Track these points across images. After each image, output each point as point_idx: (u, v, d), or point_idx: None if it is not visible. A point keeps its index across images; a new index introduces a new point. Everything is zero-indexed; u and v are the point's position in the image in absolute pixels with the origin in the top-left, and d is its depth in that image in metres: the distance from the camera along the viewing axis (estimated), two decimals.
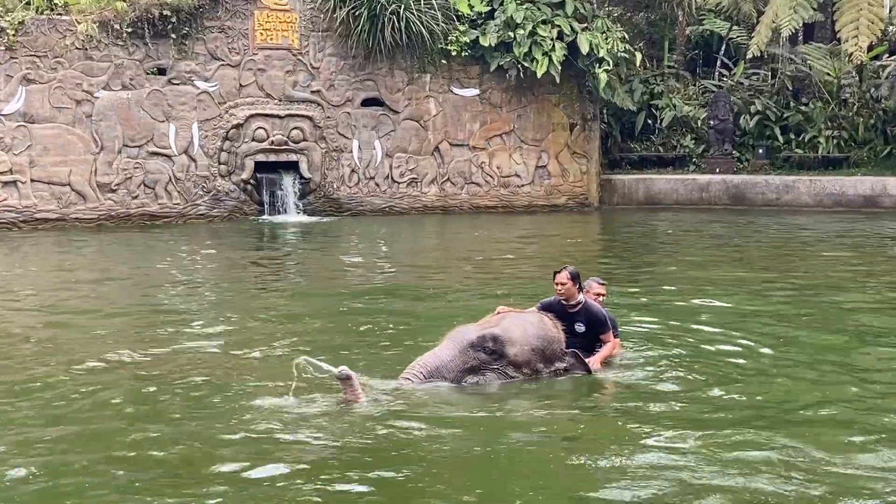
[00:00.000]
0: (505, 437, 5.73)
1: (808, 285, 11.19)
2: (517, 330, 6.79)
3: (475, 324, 6.93)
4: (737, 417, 6.08)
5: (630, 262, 13.87)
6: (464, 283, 11.64)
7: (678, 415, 6.14)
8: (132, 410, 6.28)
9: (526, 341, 6.77)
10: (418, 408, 6.21)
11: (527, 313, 7.10)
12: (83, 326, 9.01)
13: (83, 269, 13.37)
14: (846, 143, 22.01)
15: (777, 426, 5.82)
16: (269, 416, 5.97)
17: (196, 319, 9.35)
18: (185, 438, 5.67)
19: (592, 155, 21.00)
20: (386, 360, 7.39)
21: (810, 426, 5.93)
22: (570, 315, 7.15)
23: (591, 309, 7.23)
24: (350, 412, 6.04)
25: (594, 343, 7.21)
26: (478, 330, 6.78)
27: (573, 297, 7.17)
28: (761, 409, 6.28)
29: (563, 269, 7.21)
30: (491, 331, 6.73)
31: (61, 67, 17.68)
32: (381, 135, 19.67)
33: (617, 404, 6.52)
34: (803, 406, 6.35)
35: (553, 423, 5.98)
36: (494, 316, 6.99)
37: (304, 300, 10.47)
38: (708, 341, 8.08)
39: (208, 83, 18.52)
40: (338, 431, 5.72)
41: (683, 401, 6.44)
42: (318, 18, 19.11)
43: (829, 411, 6.25)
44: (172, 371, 7.20)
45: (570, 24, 19.46)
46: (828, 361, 7.49)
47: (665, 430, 5.73)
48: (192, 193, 18.56)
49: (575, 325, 7.13)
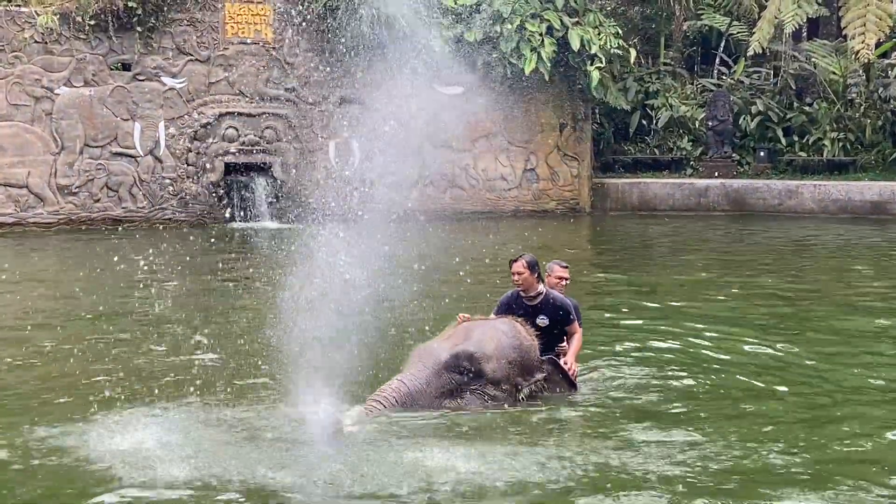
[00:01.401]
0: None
1: (809, 297, 10.64)
2: (491, 343, 6.24)
3: (442, 339, 6.34)
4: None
5: (622, 270, 13.04)
6: (435, 291, 10.61)
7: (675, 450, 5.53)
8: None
9: (502, 354, 6.23)
10: (396, 437, 5.54)
11: (495, 321, 6.56)
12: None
13: (31, 278, 12.39)
14: (852, 146, 21.39)
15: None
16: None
17: (147, 334, 8.58)
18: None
19: (584, 157, 20.25)
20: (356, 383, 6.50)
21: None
22: (531, 309, 6.69)
23: (555, 300, 6.74)
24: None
25: (558, 336, 6.75)
26: (449, 349, 6.19)
27: (532, 288, 6.72)
28: (760, 426, 5.95)
29: (519, 257, 6.76)
30: (464, 348, 6.17)
31: (19, 62, 16.87)
32: (359, 135, 18.76)
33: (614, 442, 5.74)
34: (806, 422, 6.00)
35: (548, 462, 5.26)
36: (458, 326, 6.43)
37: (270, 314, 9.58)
38: (707, 360, 7.61)
39: (176, 79, 17.64)
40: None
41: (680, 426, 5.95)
42: (294, 11, 18.20)
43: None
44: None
45: (561, 19, 18.78)
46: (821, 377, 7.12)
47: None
48: (157, 196, 17.66)
49: (537, 319, 6.65)
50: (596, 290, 10.85)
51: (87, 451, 5.33)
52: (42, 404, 6.39)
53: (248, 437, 5.57)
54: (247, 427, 5.76)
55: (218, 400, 6.32)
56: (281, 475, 4.94)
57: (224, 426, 5.79)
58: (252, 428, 5.74)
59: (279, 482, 4.89)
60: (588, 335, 7.40)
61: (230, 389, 6.63)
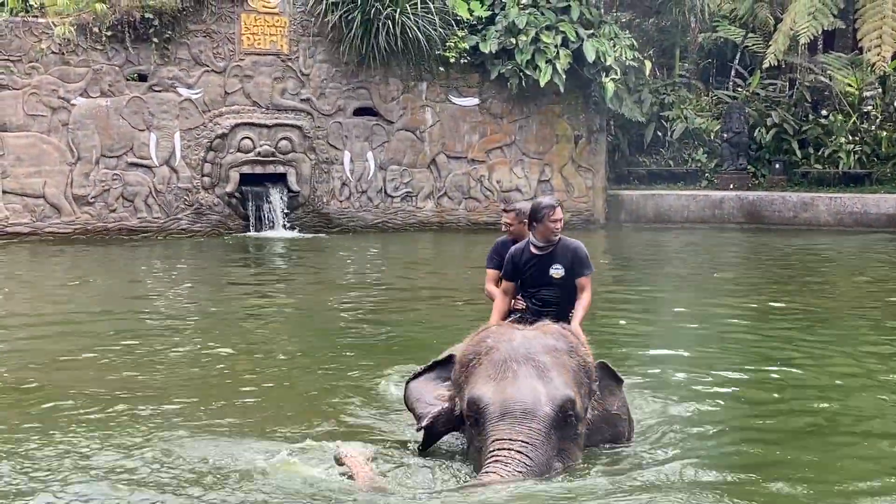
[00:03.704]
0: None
1: (825, 313, 10.35)
2: (563, 372, 4.75)
3: (500, 376, 4.70)
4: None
5: (638, 282, 12.91)
6: (457, 312, 10.55)
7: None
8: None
9: (576, 382, 4.82)
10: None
11: (539, 331, 4.98)
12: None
13: (50, 287, 12.38)
14: (868, 159, 21.18)
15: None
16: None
17: (168, 345, 8.47)
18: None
19: (598, 169, 20.11)
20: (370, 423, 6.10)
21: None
22: (544, 259, 5.74)
23: (570, 242, 5.84)
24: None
25: (571, 291, 5.77)
26: (546, 397, 4.59)
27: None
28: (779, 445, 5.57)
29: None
30: (566, 394, 4.64)
31: (36, 73, 16.85)
32: (375, 146, 18.77)
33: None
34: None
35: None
36: (501, 350, 4.80)
37: (288, 328, 9.59)
38: (722, 382, 7.15)
39: (192, 90, 17.63)
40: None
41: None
42: (309, 23, 18.22)
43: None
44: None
45: (576, 31, 18.66)
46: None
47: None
48: (173, 207, 17.65)
49: (551, 269, 5.73)
50: (610, 302, 10.74)
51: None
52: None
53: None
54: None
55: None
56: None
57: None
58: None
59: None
60: (593, 350, 7.00)
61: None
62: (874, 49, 19.23)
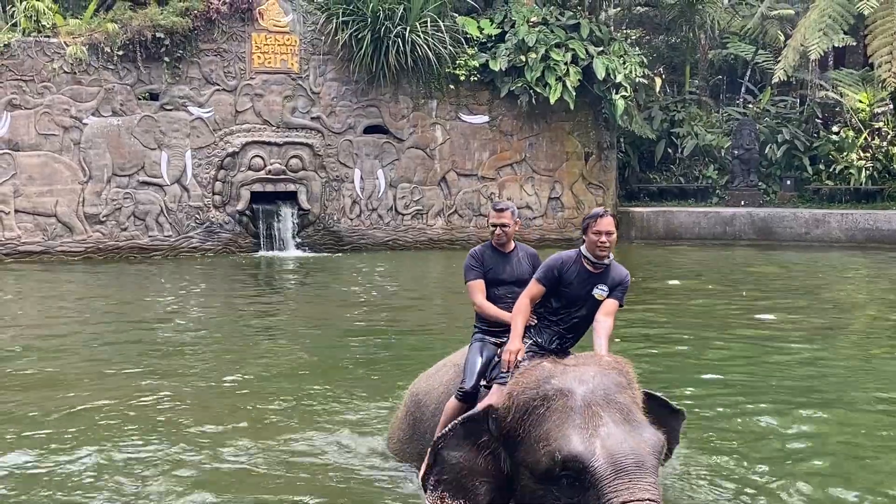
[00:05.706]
0: None
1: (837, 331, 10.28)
2: (638, 410, 4.42)
3: (581, 418, 4.21)
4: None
5: (650, 300, 12.82)
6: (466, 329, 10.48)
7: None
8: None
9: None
10: None
11: (598, 367, 4.50)
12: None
13: (61, 307, 12.40)
14: (880, 175, 21.03)
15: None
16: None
17: (181, 365, 8.48)
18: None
19: (609, 186, 20.10)
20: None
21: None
22: (594, 278, 5.11)
23: (621, 270, 5.23)
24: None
25: (591, 321, 5.16)
26: (649, 446, 4.20)
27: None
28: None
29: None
30: (658, 438, 4.26)
31: (48, 92, 16.96)
32: (385, 164, 18.79)
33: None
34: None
35: None
36: (568, 388, 4.33)
37: (299, 347, 9.53)
38: (730, 405, 7.06)
39: (202, 109, 17.70)
40: None
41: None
42: (319, 41, 18.29)
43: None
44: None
45: (586, 48, 18.67)
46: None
47: None
48: (184, 225, 17.69)
49: (594, 289, 5.08)
50: (623, 321, 10.67)
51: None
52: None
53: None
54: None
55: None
56: None
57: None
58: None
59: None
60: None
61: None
62: (885, 65, 19.22)
